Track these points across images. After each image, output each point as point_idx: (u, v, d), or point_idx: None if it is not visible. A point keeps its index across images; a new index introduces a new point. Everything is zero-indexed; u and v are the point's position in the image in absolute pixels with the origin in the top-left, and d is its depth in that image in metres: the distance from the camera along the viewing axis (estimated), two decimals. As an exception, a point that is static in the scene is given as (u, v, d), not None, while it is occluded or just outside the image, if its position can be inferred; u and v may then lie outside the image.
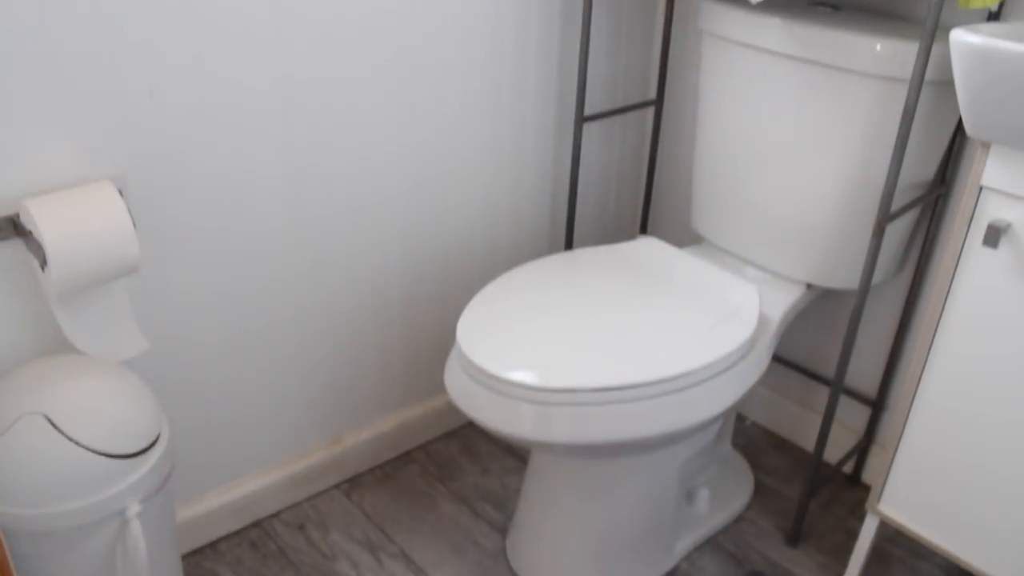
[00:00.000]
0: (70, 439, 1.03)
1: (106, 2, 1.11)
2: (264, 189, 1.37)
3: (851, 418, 1.80)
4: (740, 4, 1.47)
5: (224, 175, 1.32)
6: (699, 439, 1.53)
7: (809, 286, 1.57)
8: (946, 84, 1.34)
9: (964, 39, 1.02)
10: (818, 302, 1.78)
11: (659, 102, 1.90)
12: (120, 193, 1.19)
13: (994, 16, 1.37)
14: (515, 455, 1.82)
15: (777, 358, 1.88)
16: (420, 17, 1.46)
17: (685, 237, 1.98)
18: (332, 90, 1.39)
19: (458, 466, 1.78)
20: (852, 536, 1.65)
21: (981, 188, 1.14)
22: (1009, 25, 1.14)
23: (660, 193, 2.02)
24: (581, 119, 1.71)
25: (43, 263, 1.09)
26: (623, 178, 2.00)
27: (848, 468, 1.81)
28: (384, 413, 1.75)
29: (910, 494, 1.33)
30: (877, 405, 1.73)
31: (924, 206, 1.56)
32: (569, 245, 1.83)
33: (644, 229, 2.02)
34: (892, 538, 1.64)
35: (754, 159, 1.53)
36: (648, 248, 1.58)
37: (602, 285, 1.43)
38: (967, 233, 1.17)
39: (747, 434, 1.93)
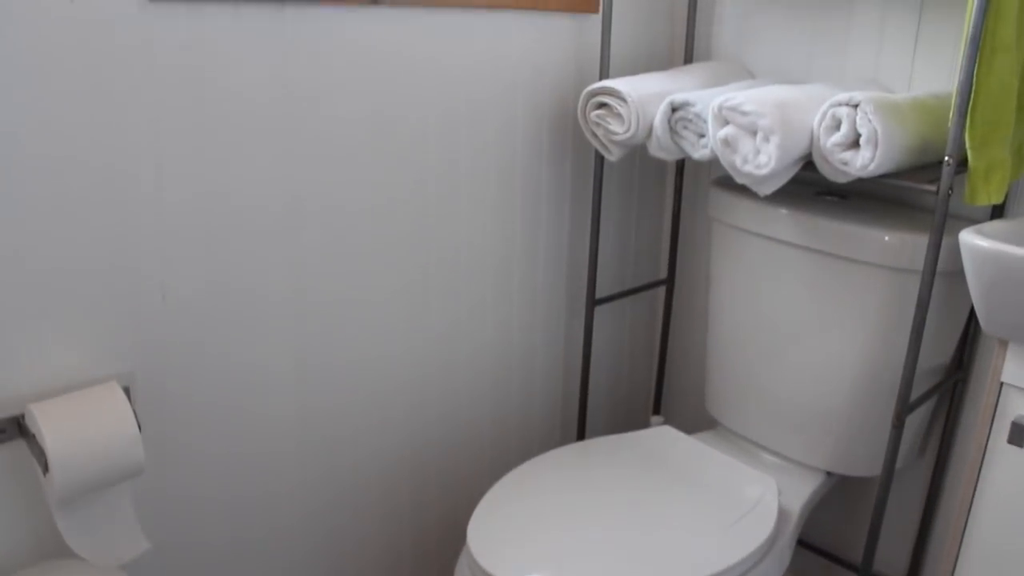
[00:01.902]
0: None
1: (119, 205, 1.14)
2: (274, 383, 1.36)
3: (880, 610, 1.72)
4: (748, 193, 1.50)
5: (234, 369, 1.31)
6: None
7: (829, 473, 1.52)
8: (957, 274, 1.34)
9: (974, 242, 1.03)
10: (840, 482, 1.73)
11: (670, 281, 1.90)
12: (128, 391, 1.19)
13: (999, 208, 1.39)
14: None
15: (799, 541, 1.82)
16: (434, 217, 1.49)
17: (699, 419, 1.95)
18: (344, 283, 1.40)
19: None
20: None
21: (1002, 384, 1.12)
22: (1017, 223, 1.14)
23: (673, 373, 2.00)
24: (592, 302, 1.71)
25: (45, 468, 1.06)
26: (635, 358, 1.99)
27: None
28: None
29: None
30: (907, 597, 1.65)
31: (943, 391, 1.53)
32: (581, 433, 1.79)
33: (657, 410, 1.99)
34: None
35: (768, 344, 1.52)
36: (662, 438, 1.54)
37: (616, 482, 1.40)
38: (991, 430, 1.14)
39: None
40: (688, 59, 1.76)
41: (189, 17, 1.14)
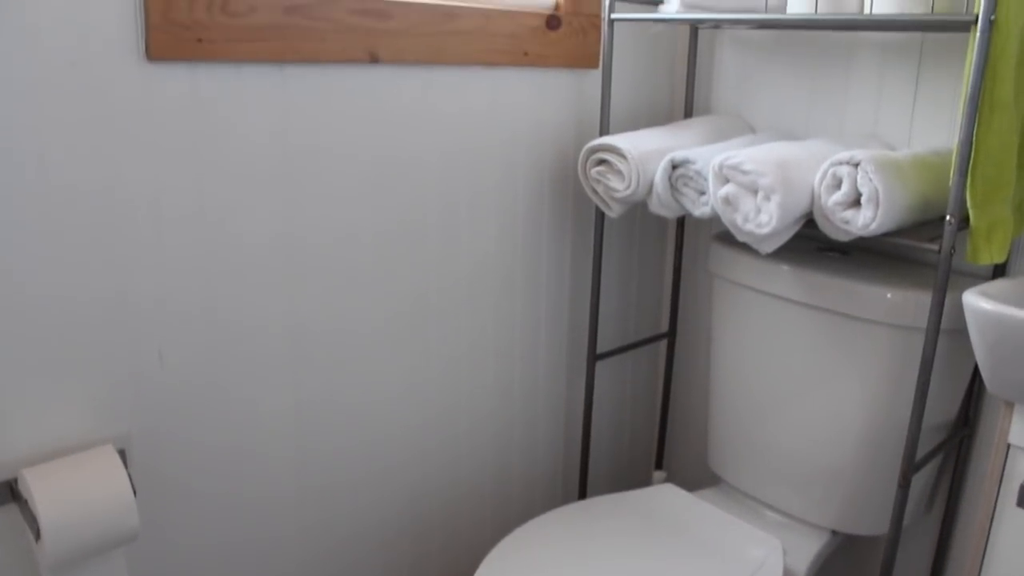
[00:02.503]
0: None
1: (117, 266, 1.13)
2: (273, 434, 1.35)
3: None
4: (749, 249, 1.49)
5: (232, 422, 1.30)
6: None
7: (834, 532, 1.50)
8: (961, 331, 1.33)
9: (978, 305, 1.02)
10: (846, 541, 1.70)
11: (672, 335, 1.89)
12: (123, 453, 1.17)
13: (1000, 267, 1.38)
14: None
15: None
16: (435, 270, 1.49)
17: (702, 474, 1.93)
18: (344, 339, 1.39)
19: None
20: None
21: (1009, 446, 1.11)
22: (1021, 282, 1.14)
23: (675, 427, 1.98)
24: (594, 357, 1.70)
25: (37, 535, 1.05)
26: (637, 412, 1.97)
27: None
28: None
29: None
30: (916, 658, 1.62)
31: (949, 448, 1.51)
32: (583, 488, 1.77)
33: (660, 464, 1.97)
34: None
35: (770, 400, 1.50)
36: (665, 497, 1.52)
37: (619, 544, 1.37)
38: (999, 492, 1.12)
39: None
40: (688, 112, 1.77)
41: (189, 77, 1.14)
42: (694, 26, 1.72)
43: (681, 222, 1.82)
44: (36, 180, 1.05)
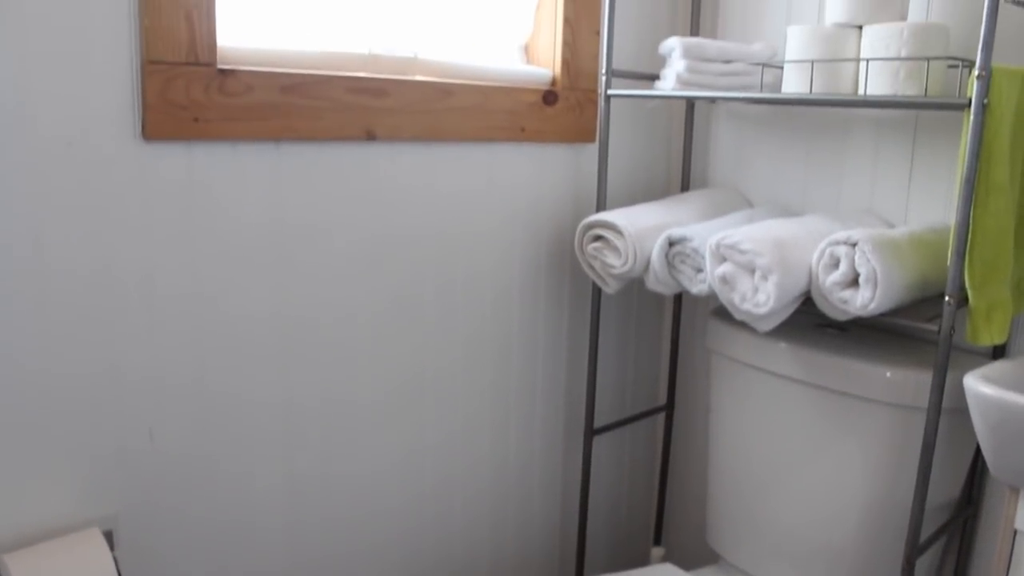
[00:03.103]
0: None
1: (110, 343, 1.12)
2: (263, 516, 1.33)
3: None
4: (747, 325, 1.48)
5: (222, 506, 1.28)
6: None
7: (837, 615, 1.47)
8: (962, 410, 1.31)
9: (979, 390, 1.01)
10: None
11: (669, 408, 1.88)
12: (110, 535, 1.15)
13: (1000, 348, 1.37)
14: None
15: None
16: (430, 346, 1.48)
17: (702, 551, 1.89)
18: (338, 414, 1.38)
19: None
20: None
21: (1016, 532, 1.09)
22: (1021, 363, 1.13)
23: (674, 503, 1.95)
24: (591, 432, 1.68)
25: (18, 624, 1.02)
26: (635, 486, 1.95)
27: None
28: None
29: None
30: None
31: (953, 529, 1.49)
32: (580, 566, 1.74)
33: (658, 540, 1.93)
34: None
35: (771, 477, 1.48)
36: (664, 576, 1.49)
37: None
38: (1006, 580, 1.10)
39: None
40: (685, 185, 1.77)
41: (185, 156, 1.15)
42: (690, 100, 1.73)
43: (679, 295, 1.81)
44: (30, 258, 1.04)
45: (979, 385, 1.01)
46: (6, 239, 1.02)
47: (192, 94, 1.12)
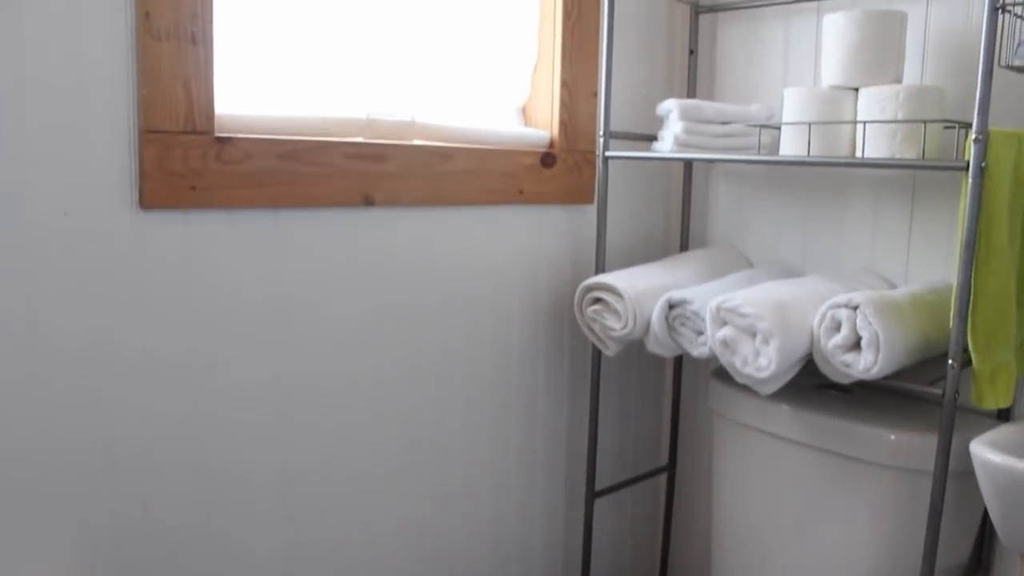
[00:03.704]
0: None
1: (104, 414, 1.11)
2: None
3: None
4: (748, 387, 1.46)
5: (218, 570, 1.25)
6: None
7: None
8: (968, 472, 1.29)
9: (986, 457, 0.99)
10: None
11: (671, 468, 1.85)
12: (101, 610, 1.13)
13: (1005, 409, 1.36)
14: None
15: None
16: (429, 412, 1.46)
17: (707, 613, 1.86)
18: (336, 481, 1.36)
19: None
20: None
21: (1027, 602, 1.06)
22: (1026, 427, 1.11)
23: (676, 565, 1.92)
24: (592, 495, 1.66)
25: None
26: (637, 549, 1.92)
27: None
28: None
29: None
30: None
31: (963, 594, 1.46)
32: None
33: (663, 605, 1.90)
34: None
35: (775, 539, 1.45)
36: (669, 643, 1.46)
37: None
38: (1018, 651, 1.07)
39: None
40: (684, 245, 1.77)
41: (182, 224, 1.14)
42: (688, 161, 1.73)
43: (680, 355, 1.80)
44: (26, 327, 1.03)
45: (986, 452, 0.99)
46: (1, 308, 1.02)
47: (190, 162, 1.12)
